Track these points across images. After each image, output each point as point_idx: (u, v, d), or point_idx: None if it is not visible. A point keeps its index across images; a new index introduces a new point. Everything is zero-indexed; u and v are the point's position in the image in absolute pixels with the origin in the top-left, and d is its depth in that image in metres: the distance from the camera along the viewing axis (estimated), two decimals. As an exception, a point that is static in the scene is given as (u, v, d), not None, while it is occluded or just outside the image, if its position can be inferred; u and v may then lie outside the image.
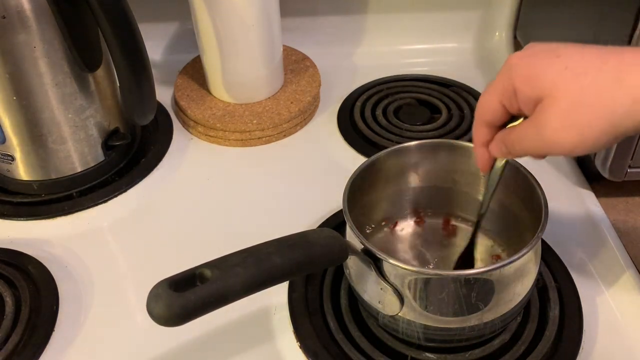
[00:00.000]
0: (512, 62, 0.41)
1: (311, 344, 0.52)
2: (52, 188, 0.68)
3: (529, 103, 0.40)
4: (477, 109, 0.45)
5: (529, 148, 0.41)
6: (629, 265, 0.58)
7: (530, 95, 0.40)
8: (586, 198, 0.66)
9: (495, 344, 0.51)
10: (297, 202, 0.67)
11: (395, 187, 0.57)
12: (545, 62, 0.39)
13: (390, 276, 0.46)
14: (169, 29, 0.91)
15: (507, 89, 0.41)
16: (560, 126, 0.38)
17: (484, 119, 0.44)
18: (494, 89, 0.42)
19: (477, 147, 0.46)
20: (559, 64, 0.38)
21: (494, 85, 0.42)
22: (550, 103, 0.38)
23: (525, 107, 0.41)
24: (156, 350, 0.53)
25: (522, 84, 0.40)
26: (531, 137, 0.40)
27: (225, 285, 0.39)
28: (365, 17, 0.91)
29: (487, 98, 0.43)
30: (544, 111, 0.39)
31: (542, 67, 0.39)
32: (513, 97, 0.41)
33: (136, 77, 0.62)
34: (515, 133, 0.42)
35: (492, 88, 0.43)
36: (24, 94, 0.61)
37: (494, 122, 0.44)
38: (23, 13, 0.57)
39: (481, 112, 0.44)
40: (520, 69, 0.40)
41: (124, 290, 0.59)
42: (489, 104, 0.43)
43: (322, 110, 0.82)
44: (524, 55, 0.41)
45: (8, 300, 0.55)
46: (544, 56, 0.40)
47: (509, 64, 0.41)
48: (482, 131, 0.45)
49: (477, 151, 0.47)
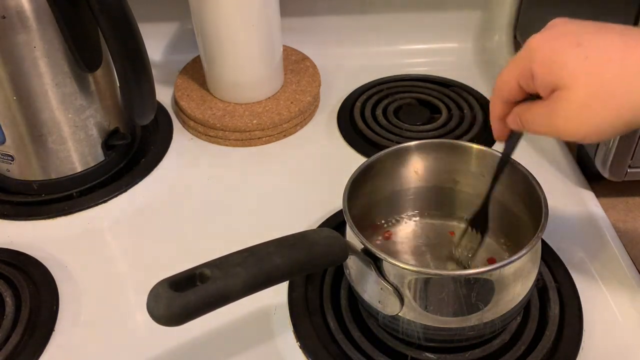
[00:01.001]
0: (533, 45, 0.41)
1: (311, 344, 0.52)
2: (52, 188, 0.68)
3: (546, 88, 0.40)
4: (496, 86, 0.45)
5: (541, 130, 0.42)
6: (629, 265, 0.58)
7: (548, 82, 0.40)
8: (586, 198, 0.66)
9: (495, 344, 0.51)
10: (297, 202, 0.67)
11: (395, 187, 0.57)
12: (566, 50, 0.39)
13: (390, 276, 0.46)
14: (169, 29, 0.91)
15: (525, 71, 0.41)
16: (573, 117, 0.39)
17: (501, 95, 0.45)
18: (513, 69, 0.43)
19: (494, 120, 0.47)
20: (580, 54, 0.38)
21: (513, 64, 0.43)
22: (566, 93, 0.39)
23: (542, 91, 0.41)
24: (156, 350, 0.53)
25: (541, 70, 0.40)
26: (544, 121, 0.41)
27: (226, 285, 0.39)
28: (365, 17, 0.91)
29: (506, 77, 0.44)
30: (559, 100, 0.39)
31: (562, 54, 0.39)
32: (530, 80, 0.41)
33: (136, 77, 0.62)
34: (530, 112, 0.43)
35: (512, 67, 0.43)
36: (24, 94, 0.61)
37: (510, 100, 0.45)
38: (23, 13, 0.57)
39: (499, 89, 0.45)
40: (541, 54, 0.40)
41: (124, 290, 0.59)
42: (507, 82, 0.44)
43: (322, 110, 0.82)
44: (545, 39, 0.40)
45: (8, 300, 0.55)
46: (565, 42, 0.39)
47: (530, 46, 0.41)
48: (499, 106, 0.46)
49: (494, 123, 0.47)
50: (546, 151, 0.73)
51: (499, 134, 0.48)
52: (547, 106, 0.40)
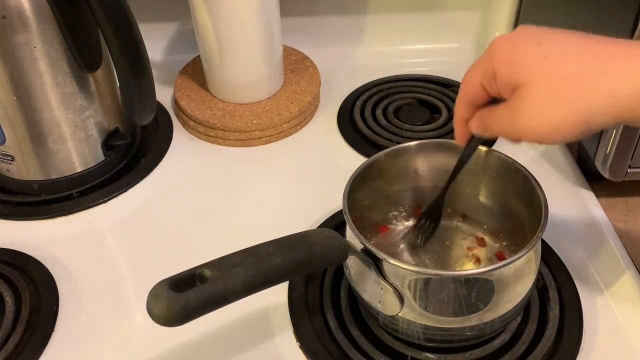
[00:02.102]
0: (496, 45, 0.41)
1: (311, 344, 0.52)
2: (52, 188, 0.68)
3: (507, 88, 0.41)
4: (461, 86, 0.45)
5: (503, 132, 0.42)
6: (629, 265, 0.58)
7: (509, 81, 0.40)
8: (586, 198, 0.66)
9: (495, 344, 0.51)
10: (297, 202, 0.67)
11: (395, 187, 0.57)
12: (526, 49, 0.39)
13: (390, 276, 0.46)
14: (169, 29, 0.91)
15: (487, 72, 0.42)
16: (532, 115, 0.39)
17: (465, 97, 0.45)
18: (477, 70, 0.43)
19: (457, 122, 0.47)
20: (539, 53, 0.39)
21: (477, 65, 0.43)
22: (525, 92, 0.39)
23: (503, 92, 0.41)
24: (156, 350, 0.53)
25: (502, 69, 0.40)
26: (506, 122, 0.41)
27: (225, 285, 0.39)
28: (365, 17, 0.91)
29: (469, 77, 0.44)
30: (519, 99, 0.39)
31: (522, 54, 0.39)
32: (492, 80, 0.41)
33: (136, 77, 0.62)
34: (492, 115, 0.43)
35: (475, 68, 0.43)
36: (24, 94, 0.61)
37: (474, 101, 0.45)
38: (23, 13, 0.57)
39: (463, 90, 0.45)
40: (502, 53, 0.41)
41: (124, 290, 0.59)
42: (470, 83, 0.44)
43: (322, 110, 0.82)
44: (507, 39, 0.41)
45: (8, 300, 0.55)
46: (526, 42, 0.40)
47: (493, 47, 0.42)
48: (463, 108, 0.46)
49: (457, 126, 0.48)
50: (546, 151, 0.73)
51: (460, 137, 0.48)
52: (509, 106, 0.41)
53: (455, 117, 0.47)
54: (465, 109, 0.46)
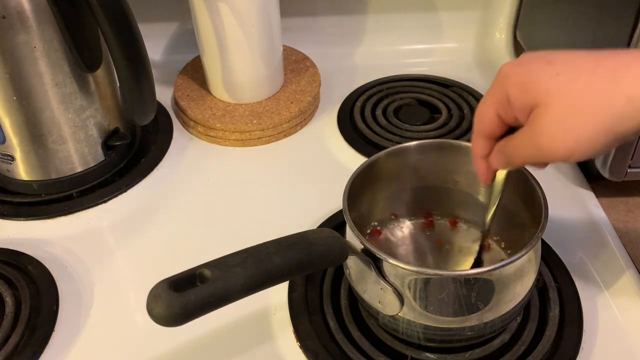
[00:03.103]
0: (505, 71, 0.41)
1: (311, 344, 0.52)
2: (52, 188, 0.68)
3: (523, 111, 0.40)
4: (475, 121, 0.44)
5: (527, 157, 0.41)
6: (629, 265, 0.58)
7: (525, 103, 0.39)
8: (586, 198, 0.66)
9: (495, 344, 0.51)
10: (297, 202, 0.67)
11: (395, 187, 0.57)
12: (537, 69, 0.39)
13: (390, 276, 0.46)
14: (169, 29, 0.91)
15: (501, 99, 0.41)
16: (554, 132, 0.38)
17: (481, 131, 0.44)
18: (489, 100, 0.42)
19: (477, 160, 0.46)
20: (551, 70, 0.38)
21: (489, 96, 0.42)
22: (544, 110, 0.38)
23: (520, 116, 0.40)
24: (156, 350, 0.53)
25: (516, 92, 0.40)
26: (527, 145, 0.40)
27: (225, 285, 0.39)
28: (365, 17, 0.91)
29: (483, 109, 0.43)
30: (538, 118, 0.39)
31: (534, 74, 0.39)
32: (508, 107, 0.41)
33: (136, 77, 0.62)
34: (512, 143, 0.42)
35: (487, 99, 0.42)
36: (24, 94, 0.61)
37: (492, 134, 0.44)
38: (23, 13, 0.57)
39: (478, 124, 0.44)
40: (513, 77, 0.40)
41: (124, 290, 0.59)
42: (485, 115, 0.43)
43: (322, 110, 0.82)
44: (516, 64, 0.41)
45: (8, 300, 0.55)
46: (536, 63, 0.39)
47: (502, 73, 0.41)
48: (481, 143, 0.45)
49: (478, 164, 0.46)
50: (546, 151, 0.73)
51: (484, 176, 0.47)
52: (529, 128, 0.40)
53: (475, 155, 0.46)
54: (483, 145, 0.45)
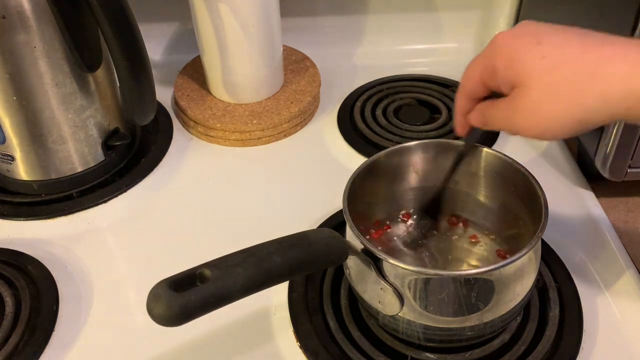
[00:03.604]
0: (497, 42, 0.42)
1: (311, 344, 0.52)
2: (52, 188, 0.68)
3: (506, 84, 0.42)
4: (462, 80, 0.46)
5: (502, 126, 0.44)
6: (629, 265, 0.58)
7: (508, 78, 0.41)
8: (586, 198, 0.66)
9: (495, 344, 0.51)
10: (297, 202, 0.67)
11: (396, 187, 0.57)
12: (525, 48, 0.40)
13: (390, 276, 0.46)
14: (169, 29, 0.91)
15: (488, 67, 0.43)
16: (529, 114, 0.40)
17: (466, 90, 0.46)
18: (478, 65, 0.44)
19: (457, 114, 0.49)
20: (538, 52, 0.40)
21: (478, 60, 0.44)
22: (523, 91, 0.40)
23: (503, 87, 0.42)
24: (156, 350, 0.53)
25: (502, 67, 0.42)
26: (504, 117, 0.43)
27: (225, 285, 0.39)
28: (365, 17, 0.91)
29: (470, 72, 0.45)
30: (517, 97, 0.41)
31: (521, 52, 0.40)
32: (493, 76, 0.43)
33: (136, 77, 0.62)
34: (492, 110, 0.45)
35: (476, 63, 0.44)
36: (24, 94, 0.61)
37: (475, 95, 0.46)
38: (23, 13, 0.57)
39: (464, 84, 0.47)
40: (502, 51, 0.42)
41: (124, 290, 0.59)
42: (471, 77, 0.45)
43: (322, 110, 0.82)
44: (509, 36, 0.42)
45: (8, 300, 0.55)
46: (526, 41, 0.41)
47: (494, 43, 0.42)
48: (463, 101, 0.47)
49: (457, 117, 0.49)
50: (546, 151, 0.73)
51: (461, 129, 0.50)
52: (508, 102, 0.42)
53: (456, 109, 0.49)
54: (465, 102, 0.47)
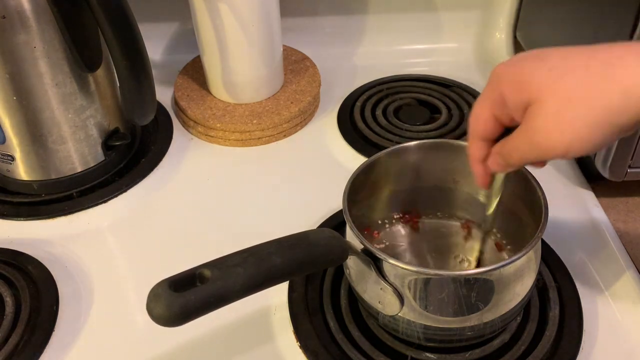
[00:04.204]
0: (498, 72, 0.41)
1: (311, 344, 0.52)
2: (52, 188, 0.68)
3: (519, 109, 0.40)
4: (470, 124, 0.44)
5: (525, 156, 0.40)
6: (629, 266, 0.58)
7: (519, 102, 0.39)
8: (586, 198, 0.66)
9: (495, 344, 0.51)
10: (297, 202, 0.67)
11: (396, 187, 0.57)
12: (530, 67, 0.39)
13: (390, 276, 0.46)
14: (169, 29, 0.91)
15: (496, 99, 0.41)
16: (550, 128, 0.37)
17: (477, 133, 0.43)
18: (484, 101, 0.42)
19: (475, 164, 0.45)
20: (544, 66, 0.38)
21: (483, 97, 0.42)
22: (538, 107, 0.38)
23: (516, 115, 0.40)
24: (156, 350, 0.53)
25: (510, 91, 0.40)
26: (524, 144, 0.40)
27: (225, 285, 0.39)
28: (365, 17, 0.91)
29: (478, 111, 0.43)
30: (533, 116, 0.38)
31: (527, 72, 0.39)
32: (503, 107, 0.41)
33: (136, 77, 0.62)
34: (509, 143, 0.41)
35: (482, 100, 0.42)
36: (24, 94, 0.61)
37: (488, 136, 0.43)
38: (23, 13, 0.57)
39: (474, 126, 0.43)
40: (507, 77, 0.40)
41: (124, 290, 0.59)
42: (481, 116, 0.42)
43: (322, 110, 0.82)
44: (509, 64, 0.41)
45: (8, 300, 0.55)
46: (528, 61, 0.40)
47: (496, 74, 0.41)
48: (477, 146, 0.44)
49: (475, 168, 0.45)
50: (546, 151, 0.73)
51: (482, 180, 0.46)
52: (524, 126, 0.39)
53: (472, 158, 0.45)
54: (479, 147, 0.44)
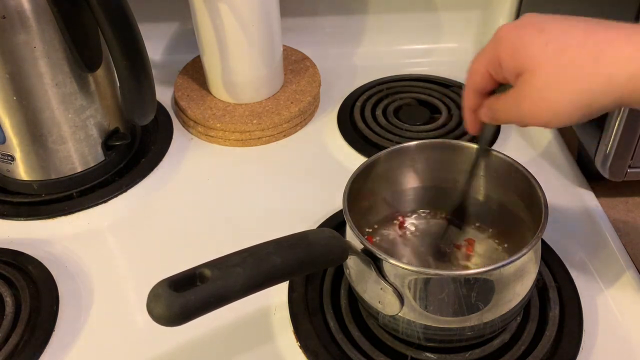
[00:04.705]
0: (501, 34, 0.43)
1: (311, 344, 0.52)
2: (52, 188, 0.68)
3: (512, 74, 0.42)
4: (467, 76, 0.47)
5: (511, 117, 0.44)
6: (629, 265, 0.58)
7: (513, 67, 0.42)
8: (586, 198, 0.66)
9: (495, 344, 0.51)
10: (297, 202, 0.67)
11: (395, 187, 0.57)
12: (529, 36, 0.41)
13: (390, 276, 0.46)
14: (169, 29, 0.91)
15: (493, 59, 0.43)
16: (536, 100, 0.40)
17: (473, 85, 0.46)
18: (482, 58, 0.45)
19: (467, 112, 0.49)
20: (542, 39, 0.40)
21: (483, 54, 0.45)
22: (529, 78, 0.40)
23: (509, 77, 0.43)
24: (156, 350, 0.53)
25: (506, 56, 0.42)
26: (512, 107, 0.43)
27: (225, 285, 0.39)
28: (365, 17, 0.91)
29: (476, 66, 0.45)
30: (523, 84, 0.41)
31: (525, 41, 0.41)
32: (498, 67, 0.43)
33: (136, 77, 0.62)
34: (499, 102, 0.44)
35: (481, 56, 0.45)
36: (24, 94, 0.61)
37: (482, 89, 0.46)
38: (23, 13, 0.57)
39: (470, 79, 0.46)
40: (506, 41, 0.42)
41: (124, 290, 0.59)
42: (477, 71, 0.45)
43: (322, 110, 0.82)
44: (512, 27, 0.42)
45: (8, 300, 0.55)
46: (529, 30, 0.41)
47: (498, 35, 0.43)
48: (471, 97, 0.47)
49: (467, 116, 0.49)
50: (546, 151, 0.73)
51: (472, 127, 0.49)
52: (515, 92, 0.42)
53: (464, 107, 0.48)
54: (473, 97, 0.47)
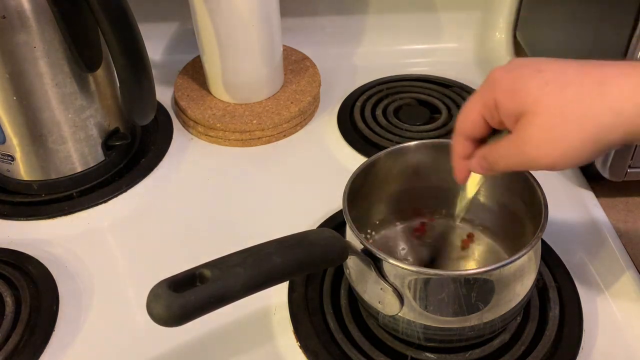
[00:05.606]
0: (495, 76, 0.41)
1: (311, 344, 0.52)
2: (52, 188, 0.68)
3: (510, 117, 0.40)
4: (458, 122, 0.44)
5: (511, 164, 0.42)
6: (629, 266, 0.58)
7: (512, 110, 0.40)
8: (586, 198, 0.66)
9: (495, 344, 0.51)
10: (297, 202, 0.67)
11: (395, 187, 0.57)
12: (527, 77, 0.39)
13: (390, 276, 0.46)
14: (169, 29, 0.91)
15: (488, 103, 0.41)
16: (541, 141, 0.38)
17: (464, 131, 0.44)
18: (476, 102, 0.43)
19: (456, 160, 0.46)
20: (541, 79, 0.39)
21: (475, 98, 0.43)
22: (531, 118, 0.39)
23: (507, 121, 0.41)
24: (156, 350, 0.53)
25: (504, 98, 0.40)
26: (513, 154, 0.40)
27: (225, 286, 0.39)
28: (365, 17, 0.91)
29: (468, 111, 0.43)
30: (525, 127, 0.39)
31: (524, 81, 0.39)
32: (494, 111, 0.41)
33: (136, 77, 0.62)
34: (497, 150, 0.42)
35: (474, 101, 0.43)
36: (24, 94, 0.61)
37: (474, 135, 0.44)
38: (23, 13, 0.57)
39: (462, 124, 0.44)
40: (503, 83, 0.40)
41: (124, 290, 0.59)
42: (469, 116, 0.43)
43: (322, 110, 0.82)
44: (507, 70, 0.41)
45: (8, 300, 0.55)
46: (526, 70, 0.40)
47: (492, 78, 0.41)
48: (462, 144, 0.45)
49: (456, 163, 0.46)
50: (546, 151, 0.73)
51: (460, 175, 0.47)
52: (516, 136, 0.40)
53: (455, 154, 0.46)
54: (464, 144, 0.45)
